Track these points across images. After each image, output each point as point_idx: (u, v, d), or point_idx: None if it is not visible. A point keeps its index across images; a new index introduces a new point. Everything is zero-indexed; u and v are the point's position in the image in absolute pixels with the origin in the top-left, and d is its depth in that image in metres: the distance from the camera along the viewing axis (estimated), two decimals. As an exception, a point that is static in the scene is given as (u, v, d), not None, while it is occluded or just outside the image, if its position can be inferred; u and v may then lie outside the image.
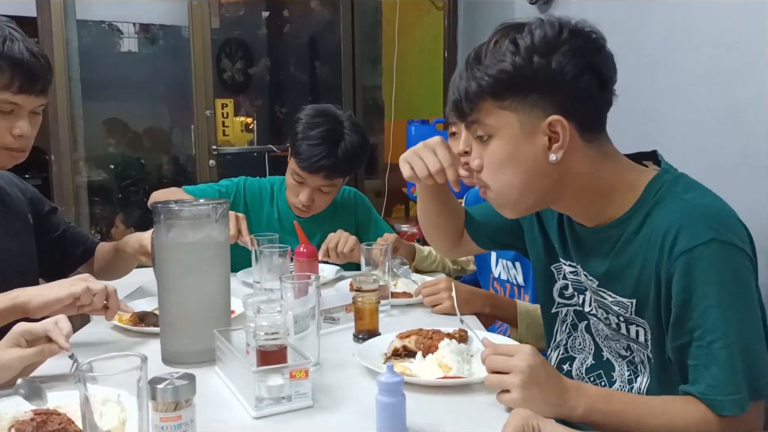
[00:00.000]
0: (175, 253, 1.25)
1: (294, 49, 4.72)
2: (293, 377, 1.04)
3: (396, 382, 0.95)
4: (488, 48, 1.03)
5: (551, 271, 1.26)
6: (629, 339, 1.13)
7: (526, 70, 0.99)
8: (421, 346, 1.25)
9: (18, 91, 1.36)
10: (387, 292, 1.60)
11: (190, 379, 0.90)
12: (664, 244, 1.00)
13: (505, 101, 1.02)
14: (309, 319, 1.21)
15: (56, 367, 1.21)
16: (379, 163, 4.45)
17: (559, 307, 1.26)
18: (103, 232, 4.27)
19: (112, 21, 4.25)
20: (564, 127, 1.00)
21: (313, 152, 1.90)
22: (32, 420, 0.91)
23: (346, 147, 1.92)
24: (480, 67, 1.03)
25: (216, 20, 4.13)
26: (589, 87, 1.00)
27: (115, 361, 0.83)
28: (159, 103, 4.47)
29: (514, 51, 1.00)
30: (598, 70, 1.01)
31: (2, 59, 1.33)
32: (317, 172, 1.92)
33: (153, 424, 0.87)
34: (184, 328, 1.26)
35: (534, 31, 1.00)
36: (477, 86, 1.03)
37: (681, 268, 0.97)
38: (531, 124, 1.02)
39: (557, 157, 1.02)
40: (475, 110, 1.05)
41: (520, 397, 0.97)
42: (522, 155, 1.04)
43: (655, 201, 1.04)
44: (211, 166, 3.63)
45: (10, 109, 1.37)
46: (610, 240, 1.09)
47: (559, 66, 0.98)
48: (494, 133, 1.05)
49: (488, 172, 1.08)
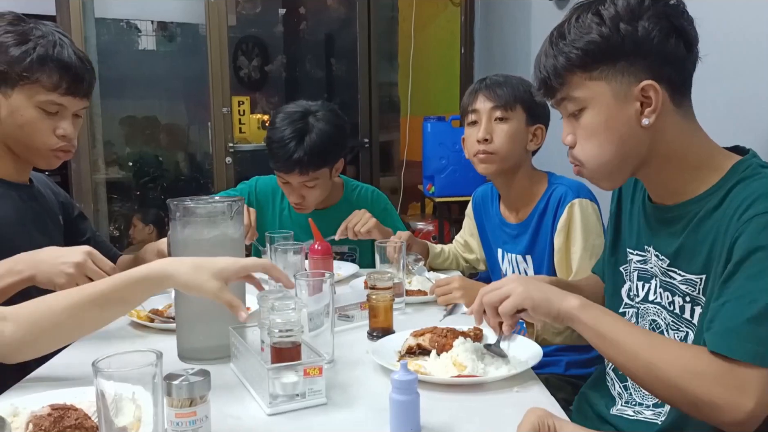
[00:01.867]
0: (191, 249, 1.26)
1: (310, 46, 4.73)
2: (307, 374, 1.04)
3: (410, 380, 0.95)
4: (570, 23, 1.05)
5: (620, 272, 1.24)
6: (689, 325, 1.08)
7: (614, 39, 1.01)
8: (435, 344, 1.24)
9: (65, 92, 1.44)
10: (401, 289, 1.60)
11: (205, 375, 0.90)
12: (738, 210, 0.97)
13: (594, 72, 1.03)
14: (323, 317, 1.21)
15: (70, 365, 1.22)
16: (395, 160, 4.44)
17: (625, 308, 1.24)
18: (121, 229, 4.31)
19: (130, 19, 4.29)
20: (656, 90, 1.01)
21: (281, 152, 1.91)
22: (49, 415, 0.92)
23: (313, 140, 1.91)
24: (566, 42, 1.04)
25: (233, 18, 4.15)
26: (676, 49, 1.01)
27: (130, 356, 0.83)
28: (176, 100, 4.50)
29: (599, 22, 1.01)
30: (683, 32, 1.02)
31: (51, 62, 1.41)
32: (291, 171, 1.93)
33: (168, 420, 0.88)
34: (199, 325, 1.27)
35: (617, 1, 1.02)
36: (566, 60, 1.04)
37: (748, 229, 0.94)
38: (623, 91, 1.03)
39: (650, 121, 1.02)
40: (566, 85, 1.07)
41: (522, 290, 1.07)
42: (616, 122, 1.04)
43: (738, 179, 1.01)
44: (228, 163, 3.65)
45: (56, 110, 1.45)
46: (686, 216, 1.06)
47: (645, 31, 0.99)
48: (587, 105, 1.06)
49: (582, 145, 1.09)
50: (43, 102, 1.43)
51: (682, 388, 0.93)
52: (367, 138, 3.93)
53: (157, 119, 4.48)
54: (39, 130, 1.45)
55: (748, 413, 0.88)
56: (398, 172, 4.21)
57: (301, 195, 1.99)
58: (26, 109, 1.43)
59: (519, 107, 1.69)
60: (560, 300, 1.07)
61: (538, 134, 1.72)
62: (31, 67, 1.40)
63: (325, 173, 2.00)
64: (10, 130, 1.44)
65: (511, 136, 1.69)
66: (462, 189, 3.36)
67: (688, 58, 1.03)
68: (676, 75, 1.03)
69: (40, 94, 1.42)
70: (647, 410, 1.14)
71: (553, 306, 1.06)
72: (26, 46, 1.40)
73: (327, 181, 2.03)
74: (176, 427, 0.89)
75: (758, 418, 0.89)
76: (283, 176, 1.97)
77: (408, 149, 4.13)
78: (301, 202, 2.01)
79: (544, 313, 1.08)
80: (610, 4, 1.02)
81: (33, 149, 1.48)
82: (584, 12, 1.04)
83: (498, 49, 3.62)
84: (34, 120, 1.44)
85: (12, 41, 1.40)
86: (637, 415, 1.15)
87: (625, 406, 1.18)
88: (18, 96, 1.42)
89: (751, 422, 0.89)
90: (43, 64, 1.41)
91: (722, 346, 0.91)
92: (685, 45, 1.02)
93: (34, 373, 1.19)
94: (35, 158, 1.51)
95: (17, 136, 1.45)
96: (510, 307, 1.09)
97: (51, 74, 1.42)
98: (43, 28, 1.45)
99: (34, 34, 1.42)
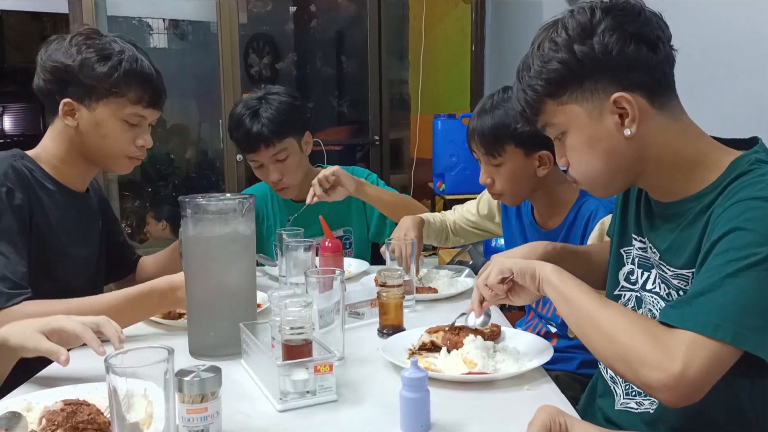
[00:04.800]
0: (202, 246, 1.27)
1: (321, 44, 4.73)
2: (318, 371, 1.05)
3: (420, 377, 0.95)
4: (533, 53, 1.06)
5: (621, 254, 1.24)
6: None
7: (572, 62, 1.01)
8: (448, 342, 1.24)
9: (147, 105, 1.51)
10: (412, 287, 1.60)
11: (216, 371, 0.91)
12: (725, 198, 0.97)
13: (563, 97, 1.05)
14: (334, 314, 1.22)
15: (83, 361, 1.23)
16: (404, 158, 4.44)
17: (622, 290, 1.24)
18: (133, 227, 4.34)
19: (142, 17, 4.30)
20: (629, 100, 1.01)
21: (241, 132, 1.98)
22: (62, 410, 0.93)
23: (269, 111, 1.97)
24: (530, 74, 1.07)
25: (244, 15, 4.16)
26: (638, 54, 1.00)
27: (142, 353, 0.84)
28: (187, 98, 4.51)
29: (556, 48, 1.02)
30: (640, 35, 1.00)
31: (135, 76, 1.47)
32: (256, 146, 1.98)
33: (179, 416, 0.88)
34: (210, 322, 1.27)
35: (567, 23, 1.02)
36: (533, 92, 1.07)
37: (728, 212, 0.93)
38: (597, 109, 1.03)
39: (632, 131, 1.02)
40: (541, 114, 1.09)
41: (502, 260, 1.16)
42: (598, 140, 1.05)
43: (736, 175, 1.00)
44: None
45: (138, 121, 1.51)
46: (683, 214, 1.06)
47: (601, 46, 1.00)
48: (566, 129, 1.08)
49: (574, 167, 1.12)
50: (128, 114, 1.48)
51: (615, 341, 0.95)
52: (377, 136, 3.93)
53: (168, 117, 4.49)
54: (122, 141, 1.50)
55: (675, 376, 0.87)
56: (408, 169, 4.21)
57: (278, 172, 2.01)
58: (111, 121, 1.47)
59: (509, 146, 1.60)
60: (538, 265, 1.13)
61: (544, 159, 1.60)
62: (119, 82, 1.45)
63: (293, 145, 2.02)
64: (92, 140, 1.48)
65: (511, 176, 1.62)
66: (472, 186, 3.34)
67: (654, 58, 1.01)
68: (647, 78, 1.02)
69: (125, 108, 1.48)
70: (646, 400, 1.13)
71: (531, 268, 1.13)
72: (111, 62, 1.44)
73: (299, 156, 2.04)
74: (187, 422, 0.89)
75: (690, 387, 0.87)
76: (253, 157, 2.01)
77: (418, 147, 4.12)
78: (280, 179, 2.02)
79: (527, 276, 1.13)
80: (561, 28, 1.02)
81: (111, 158, 1.53)
82: (544, 40, 1.05)
83: (509, 46, 3.61)
84: (117, 131, 1.49)
85: (95, 57, 1.44)
86: (640, 408, 1.14)
87: (627, 398, 1.18)
88: (103, 109, 1.46)
89: (680, 389, 0.87)
90: (129, 79, 1.46)
91: (668, 315, 0.93)
92: (648, 47, 1.00)
93: (46, 370, 1.20)
94: (112, 165, 1.56)
95: (99, 146, 1.50)
96: (495, 275, 1.16)
97: (136, 88, 1.47)
98: (120, 42, 1.49)
99: (113, 49, 1.46)
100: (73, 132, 1.47)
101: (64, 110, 1.45)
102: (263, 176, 2.06)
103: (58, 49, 1.44)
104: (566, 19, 1.02)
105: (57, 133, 1.50)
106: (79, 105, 1.45)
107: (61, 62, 1.43)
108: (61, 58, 1.43)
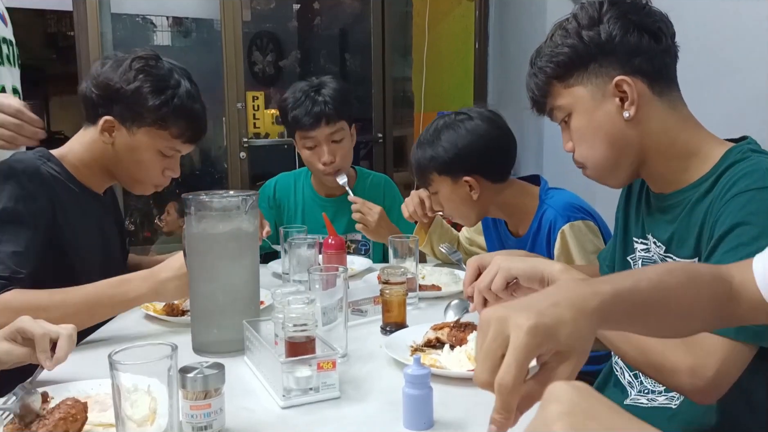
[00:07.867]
0: (206, 243, 1.27)
1: (324, 41, 4.73)
2: (321, 368, 1.05)
3: (423, 374, 0.95)
4: (546, 43, 1.16)
5: (627, 261, 1.25)
6: None
7: (579, 47, 1.11)
8: (453, 338, 1.24)
9: (186, 141, 1.52)
10: (415, 284, 1.60)
11: (220, 368, 0.91)
12: (722, 190, 1.00)
13: (570, 79, 1.13)
14: (337, 311, 1.22)
15: (86, 358, 1.23)
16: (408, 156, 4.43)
17: None
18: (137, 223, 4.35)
19: (145, 14, 4.31)
20: (629, 83, 1.08)
21: (302, 111, 1.99)
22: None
23: (329, 92, 2.01)
24: (542, 59, 1.16)
25: (247, 13, 4.16)
26: (640, 41, 1.08)
27: (146, 349, 0.84)
28: (191, 95, 4.51)
29: (566, 35, 1.12)
30: (644, 25, 1.08)
31: (183, 114, 1.48)
32: (317, 123, 1.99)
33: (183, 412, 0.89)
34: (214, 318, 1.28)
35: (578, 14, 1.13)
36: (543, 75, 1.16)
37: (730, 206, 0.97)
38: (600, 91, 1.11)
39: (630, 113, 1.08)
40: (549, 96, 1.17)
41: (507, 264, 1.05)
42: (600, 121, 1.12)
43: (729, 164, 1.04)
44: (242, 158, 3.66)
45: (172, 154, 1.52)
46: (681, 204, 1.10)
47: (606, 32, 1.08)
48: (571, 110, 1.15)
49: (578, 149, 1.17)
50: (165, 147, 1.49)
51: (647, 351, 0.97)
52: (380, 133, 3.93)
53: (171, 115, 4.50)
54: (152, 169, 1.51)
55: (708, 380, 0.91)
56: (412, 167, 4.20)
57: (332, 154, 2.02)
58: (147, 150, 1.48)
59: (433, 176, 1.69)
60: (545, 265, 1.09)
61: (473, 184, 1.65)
62: (167, 118, 1.45)
63: (347, 129, 2.05)
64: (123, 162, 1.49)
65: (448, 202, 1.72)
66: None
67: (656, 47, 1.09)
68: (648, 65, 1.08)
69: (164, 140, 1.48)
70: (660, 396, 1.14)
71: (538, 270, 1.08)
72: (164, 96, 1.45)
73: (350, 142, 2.09)
74: (191, 419, 0.90)
75: (719, 388, 0.92)
76: (310, 134, 2.01)
77: (422, 144, 4.11)
78: (332, 161, 2.03)
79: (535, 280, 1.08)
80: (572, 18, 1.13)
81: (138, 182, 1.55)
82: (556, 30, 1.15)
83: (512, 44, 3.60)
84: (151, 160, 1.50)
85: (149, 88, 1.44)
86: (651, 403, 1.15)
87: (639, 395, 1.18)
88: (143, 137, 1.47)
89: (711, 392, 0.92)
90: (177, 116, 1.47)
91: None
92: (650, 36, 1.08)
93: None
94: (136, 188, 1.57)
95: (129, 169, 1.51)
96: (501, 281, 1.11)
97: (181, 125, 1.48)
98: (177, 74, 1.49)
99: (170, 83, 1.46)
100: (106, 147, 1.48)
101: (104, 126, 1.45)
102: (315, 158, 2.05)
103: (115, 69, 1.44)
104: (578, 10, 1.13)
105: (89, 140, 1.49)
106: (120, 126, 1.45)
107: (115, 82, 1.43)
108: (116, 78, 1.43)
